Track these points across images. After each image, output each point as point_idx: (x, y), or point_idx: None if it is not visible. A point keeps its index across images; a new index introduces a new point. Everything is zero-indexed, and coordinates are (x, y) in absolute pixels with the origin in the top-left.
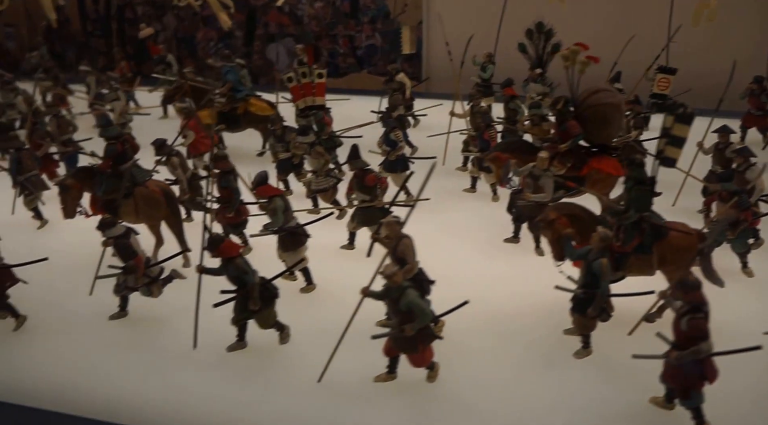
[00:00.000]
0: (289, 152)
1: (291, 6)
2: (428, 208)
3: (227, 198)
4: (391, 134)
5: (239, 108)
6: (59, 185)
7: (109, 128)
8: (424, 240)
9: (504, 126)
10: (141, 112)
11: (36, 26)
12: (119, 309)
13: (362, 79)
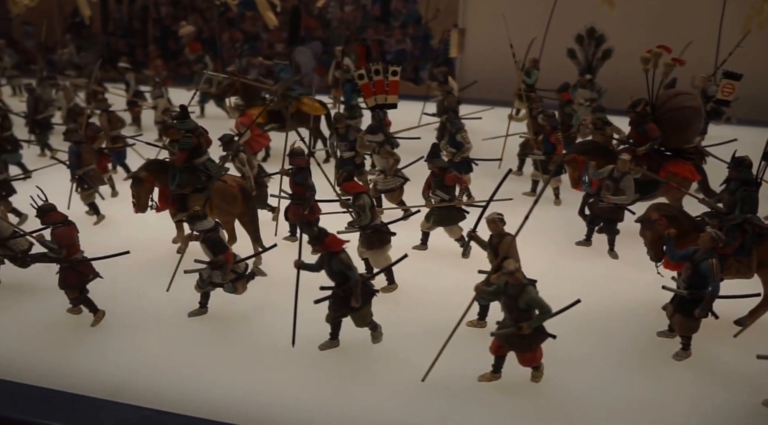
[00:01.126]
0: (352, 151)
1: (320, 9)
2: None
3: (301, 195)
4: (457, 135)
5: (291, 107)
6: (132, 178)
7: (185, 121)
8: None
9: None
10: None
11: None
12: (200, 305)
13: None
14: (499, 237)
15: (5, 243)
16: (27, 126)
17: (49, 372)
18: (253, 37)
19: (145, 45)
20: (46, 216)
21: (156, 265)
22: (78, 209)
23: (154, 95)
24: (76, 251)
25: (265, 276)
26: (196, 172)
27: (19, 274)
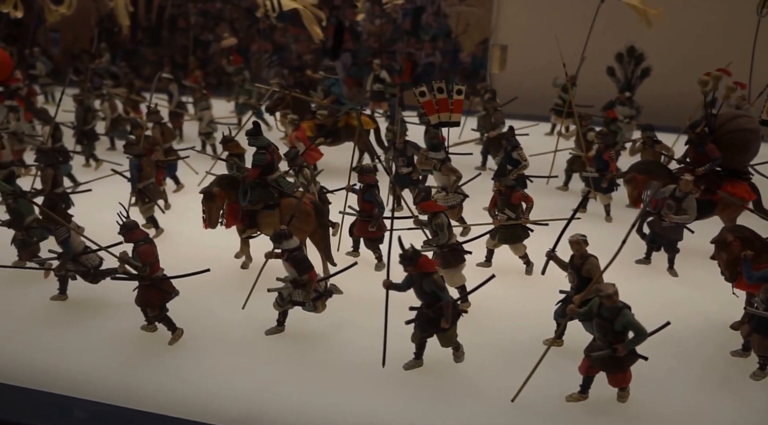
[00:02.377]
0: (410, 167)
1: (351, 22)
2: (545, 228)
3: (370, 212)
4: (514, 153)
5: (340, 121)
6: (205, 194)
7: (258, 137)
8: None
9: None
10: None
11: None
12: (277, 323)
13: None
14: (582, 259)
15: (77, 258)
16: (74, 136)
17: (125, 391)
18: (282, 48)
19: (173, 54)
20: (130, 234)
21: (225, 281)
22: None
23: (201, 107)
24: (158, 269)
25: (341, 294)
26: (268, 188)
27: (88, 290)
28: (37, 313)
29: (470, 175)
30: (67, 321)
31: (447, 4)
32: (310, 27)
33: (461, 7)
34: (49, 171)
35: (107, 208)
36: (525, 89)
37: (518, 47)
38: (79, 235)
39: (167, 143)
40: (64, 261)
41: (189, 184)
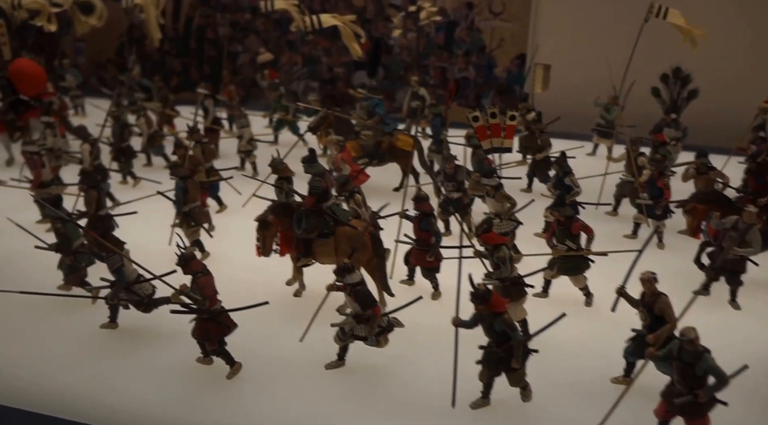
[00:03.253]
0: (460, 192)
1: (383, 35)
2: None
3: (426, 241)
4: (566, 178)
5: (384, 142)
6: (259, 221)
7: (313, 165)
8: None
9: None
10: (263, 140)
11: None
12: (338, 357)
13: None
14: (653, 297)
15: (130, 287)
16: (111, 153)
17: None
18: (312, 61)
19: (201, 65)
20: (188, 266)
21: (281, 310)
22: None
23: (240, 124)
24: (216, 301)
25: (402, 327)
26: (323, 216)
27: (139, 317)
28: (86, 342)
29: (516, 197)
30: (118, 351)
31: (481, 18)
32: (348, 44)
33: (495, 22)
34: (93, 192)
35: (151, 230)
36: (563, 106)
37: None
38: (131, 264)
39: (208, 162)
40: (117, 290)
41: (232, 205)
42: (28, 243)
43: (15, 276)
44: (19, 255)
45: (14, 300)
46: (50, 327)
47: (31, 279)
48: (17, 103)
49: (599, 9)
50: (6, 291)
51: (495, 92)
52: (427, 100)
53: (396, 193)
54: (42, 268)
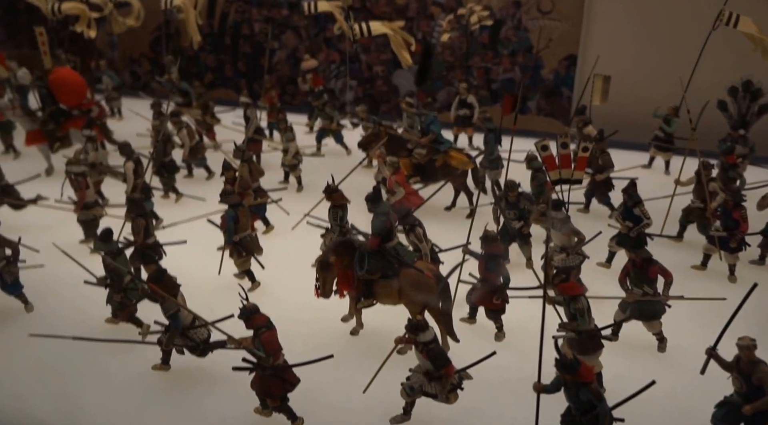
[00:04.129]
0: (521, 221)
1: (424, 33)
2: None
3: (493, 282)
4: (635, 208)
5: (438, 160)
6: (320, 262)
7: (379, 204)
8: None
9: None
10: (309, 153)
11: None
12: (404, 412)
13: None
14: (751, 365)
15: (186, 332)
16: (153, 168)
17: None
18: (351, 59)
19: (235, 61)
20: (251, 320)
21: (341, 355)
22: (226, 271)
23: (287, 138)
24: (280, 357)
25: (470, 379)
26: (387, 257)
27: (193, 360)
28: (138, 385)
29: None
30: (171, 397)
31: (528, 17)
32: (398, 52)
33: (544, 21)
34: (141, 221)
35: (198, 256)
36: (616, 113)
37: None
38: (185, 308)
39: (255, 183)
40: (172, 337)
41: (279, 225)
42: (74, 272)
43: (59, 306)
44: (64, 283)
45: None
46: (99, 368)
47: (77, 310)
48: (57, 113)
49: (662, 12)
50: (57, 336)
51: (541, 94)
52: (475, 108)
53: (449, 212)
54: (88, 299)
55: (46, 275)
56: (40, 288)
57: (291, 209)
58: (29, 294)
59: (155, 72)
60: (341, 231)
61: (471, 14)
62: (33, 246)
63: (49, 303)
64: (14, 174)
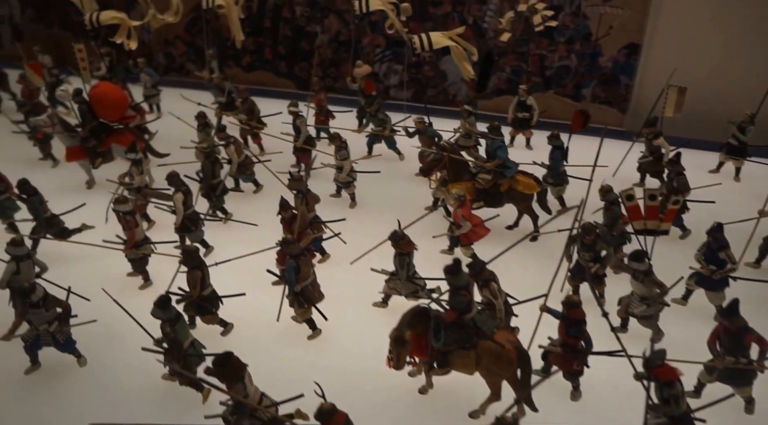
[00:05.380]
0: (596, 263)
1: (475, 18)
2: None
3: (574, 346)
4: (721, 252)
5: (503, 184)
6: (395, 339)
7: (458, 276)
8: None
9: None
10: (364, 170)
11: None
12: None
13: (546, 99)
14: None
15: (254, 413)
16: (201, 191)
17: None
18: (396, 43)
19: (275, 44)
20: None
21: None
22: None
23: (341, 156)
24: None
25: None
26: (465, 328)
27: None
28: None
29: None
30: None
31: (588, 4)
32: (460, 64)
33: (605, 8)
34: (197, 273)
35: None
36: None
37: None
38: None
39: (311, 212)
40: (240, 419)
41: (336, 253)
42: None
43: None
44: (118, 334)
45: (121, 402)
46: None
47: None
48: (98, 129)
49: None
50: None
51: (598, 82)
52: (535, 110)
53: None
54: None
55: (99, 327)
56: (93, 343)
57: (346, 233)
58: (82, 347)
59: (190, 53)
60: (408, 276)
61: (534, 13)
62: (82, 286)
63: (104, 356)
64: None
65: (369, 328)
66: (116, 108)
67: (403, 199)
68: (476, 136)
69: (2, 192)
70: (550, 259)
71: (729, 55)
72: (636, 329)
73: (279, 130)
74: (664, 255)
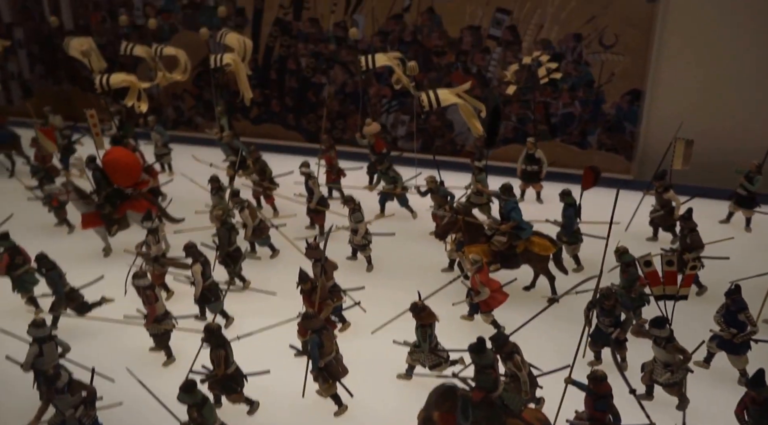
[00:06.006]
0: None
1: (480, 67)
2: None
3: (602, 420)
4: (740, 314)
5: (519, 246)
6: (422, 420)
7: (484, 355)
8: None
9: None
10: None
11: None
12: None
13: (553, 147)
14: None
15: None
16: (218, 259)
17: None
18: (402, 94)
19: (282, 96)
20: None
21: None
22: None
23: (356, 219)
24: None
25: None
26: (493, 407)
27: None
28: None
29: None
30: None
31: (590, 51)
32: (469, 121)
33: (606, 55)
34: (221, 352)
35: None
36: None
37: (677, 104)
38: None
39: (330, 280)
40: None
41: (357, 322)
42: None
43: None
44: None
45: None
46: None
47: None
48: (113, 195)
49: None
50: None
51: (602, 129)
52: (544, 163)
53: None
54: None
55: (125, 410)
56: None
57: (365, 299)
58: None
59: (199, 107)
60: (430, 348)
61: (539, 66)
62: (105, 363)
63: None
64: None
65: (395, 402)
66: (130, 174)
67: (420, 261)
68: (488, 195)
69: (21, 265)
70: (569, 322)
71: (734, 101)
72: (661, 396)
73: (292, 191)
74: (683, 315)
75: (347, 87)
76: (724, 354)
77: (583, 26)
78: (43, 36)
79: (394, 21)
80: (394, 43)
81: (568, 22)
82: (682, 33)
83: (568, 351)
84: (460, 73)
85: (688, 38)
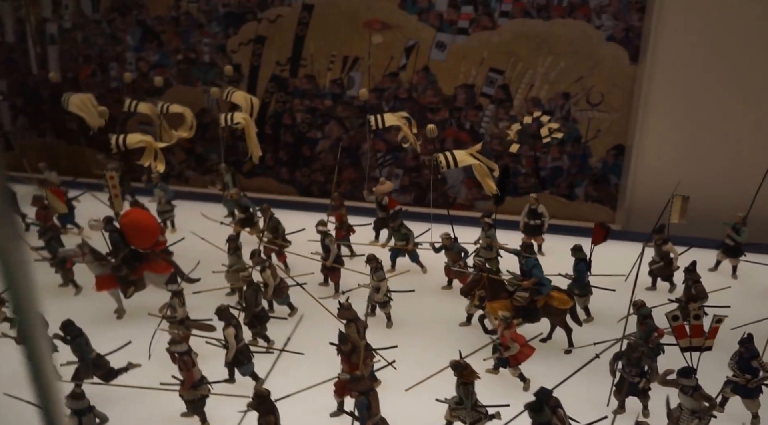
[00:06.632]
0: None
1: (472, 123)
2: None
3: None
4: (753, 361)
5: (539, 301)
6: None
7: (542, 413)
8: None
9: None
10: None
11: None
12: None
13: (543, 198)
14: None
15: None
16: (245, 321)
17: None
18: (396, 148)
19: (276, 150)
20: None
21: None
22: None
23: (378, 277)
24: None
25: None
26: None
27: None
28: None
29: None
30: None
31: (577, 109)
32: (482, 180)
33: (593, 113)
34: (270, 418)
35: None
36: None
37: (658, 158)
38: None
39: (363, 340)
40: None
41: (387, 379)
42: None
43: None
44: None
45: None
46: None
47: None
48: (130, 257)
49: (722, 111)
50: None
51: (589, 182)
52: (546, 218)
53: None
54: None
55: None
56: None
57: (391, 356)
58: None
59: (190, 161)
60: (473, 406)
61: (541, 126)
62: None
63: None
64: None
65: None
66: (149, 235)
67: (438, 316)
68: (497, 249)
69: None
70: (593, 372)
71: (717, 154)
72: None
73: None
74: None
75: (343, 141)
76: (738, 399)
77: (572, 85)
78: (29, 88)
79: (390, 79)
80: (389, 99)
81: (558, 81)
82: (665, 91)
83: (596, 400)
84: (454, 128)
85: (670, 96)
